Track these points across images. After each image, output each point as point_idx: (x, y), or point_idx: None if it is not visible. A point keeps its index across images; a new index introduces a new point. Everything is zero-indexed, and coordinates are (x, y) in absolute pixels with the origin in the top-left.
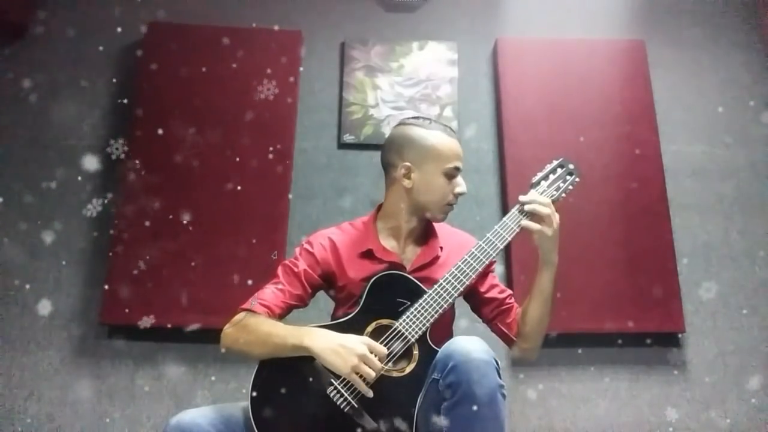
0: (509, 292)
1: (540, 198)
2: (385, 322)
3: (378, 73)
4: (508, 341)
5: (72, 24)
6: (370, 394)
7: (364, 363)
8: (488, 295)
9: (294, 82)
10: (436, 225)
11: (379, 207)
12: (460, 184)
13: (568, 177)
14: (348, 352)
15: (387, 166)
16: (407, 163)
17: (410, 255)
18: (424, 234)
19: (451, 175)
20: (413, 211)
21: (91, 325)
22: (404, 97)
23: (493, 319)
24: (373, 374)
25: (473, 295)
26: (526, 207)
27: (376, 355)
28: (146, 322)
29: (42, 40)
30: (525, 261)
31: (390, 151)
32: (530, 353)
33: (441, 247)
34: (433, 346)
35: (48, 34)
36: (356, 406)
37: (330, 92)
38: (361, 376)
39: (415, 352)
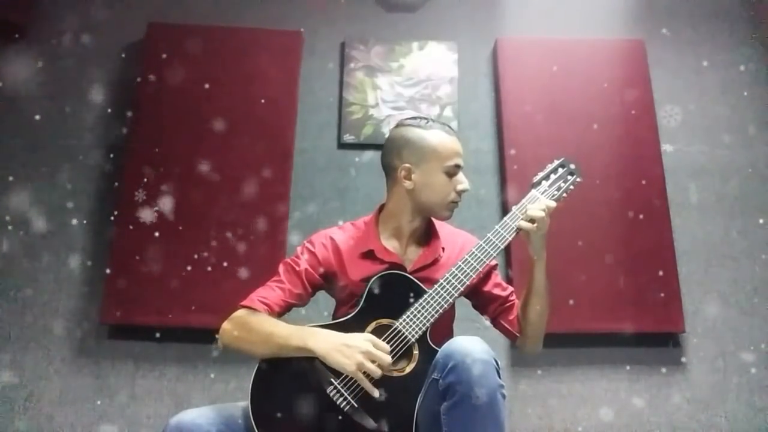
0: (511, 289)
1: (539, 204)
2: (385, 321)
3: (378, 73)
4: (511, 337)
5: (72, 24)
6: (377, 393)
7: (370, 360)
8: (491, 293)
9: (294, 82)
10: (438, 226)
11: (381, 207)
12: (462, 181)
13: (569, 177)
14: (352, 351)
15: (387, 168)
16: (407, 164)
17: (412, 256)
18: (426, 235)
19: (452, 173)
20: (417, 212)
21: (91, 325)
22: (404, 97)
23: (496, 317)
24: (378, 372)
25: (476, 294)
26: (529, 212)
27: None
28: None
29: (42, 40)
30: (525, 261)
31: (389, 153)
32: (534, 347)
33: (443, 248)
34: (433, 346)
35: (48, 34)
36: (356, 405)
37: (330, 92)
38: (366, 374)
39: (415, 352)
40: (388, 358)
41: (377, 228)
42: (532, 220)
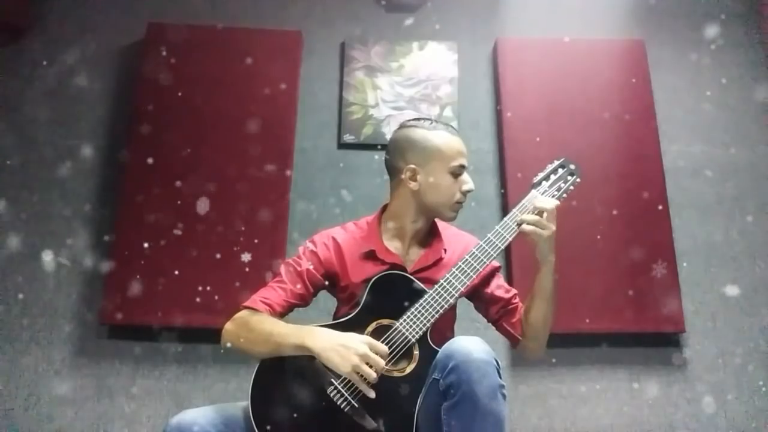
0: (514, 291)
1: (540, 202)
2: (385, 322)
3: (378, 73)
4: (513, 340)
5: (72, 24)
6: (372, 394)
7: (366, 362)
8: (494, 295)
9: (294, 82)
10: (441, 227)
11: (384, 207)
12: (467, 182)
13: (569, 177)
14: (349, 352)
15: (391, 170)
16: (412, 165)
17: (413, 256)
18: (429, 236)
19: (456, 173)
20: (421, 213)
21: (91, 325)
22: (404, 97)
23: (498, 319)
24: (374, 374)
25: (479, 295)
26: (525, 217)
27: (377, 354)
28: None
29: (42, 40)
30: (525, 261)
31: (393, 154)
32: (536, 352)
33: (445, 249)
34: (433, 346)
35: (48, 34)
36: (356, 405)
37: (330, 92)
38: (362, 376)
39: (416, 352)
40: (383, 363)
41: (380, 228)
42: (531, 221)
